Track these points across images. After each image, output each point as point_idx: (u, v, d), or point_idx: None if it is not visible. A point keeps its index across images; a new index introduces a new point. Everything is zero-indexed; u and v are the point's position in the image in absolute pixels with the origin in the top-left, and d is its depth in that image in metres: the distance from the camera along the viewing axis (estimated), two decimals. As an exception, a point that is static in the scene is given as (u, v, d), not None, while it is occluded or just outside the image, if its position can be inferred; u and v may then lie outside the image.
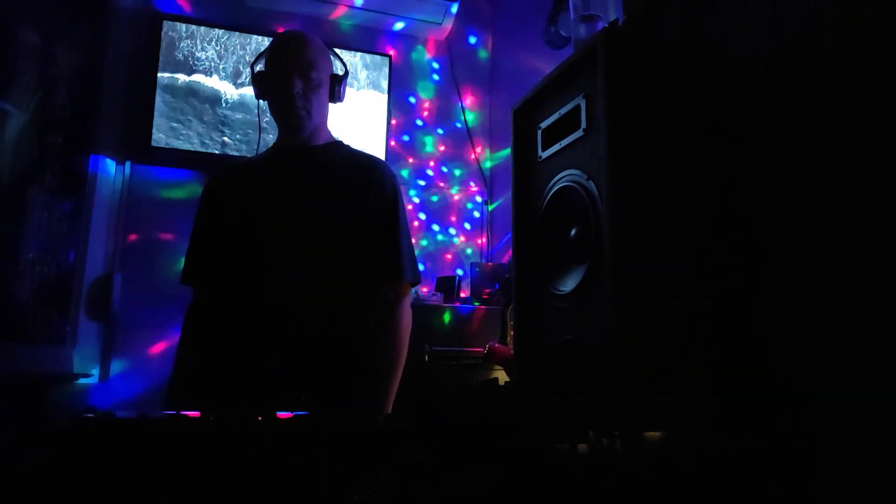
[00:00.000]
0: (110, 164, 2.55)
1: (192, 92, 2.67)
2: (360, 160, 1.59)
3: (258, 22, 2.87)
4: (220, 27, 2.75)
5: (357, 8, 2.93)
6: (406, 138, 3.08)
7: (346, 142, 1.65)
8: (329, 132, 1.63)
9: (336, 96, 1.60)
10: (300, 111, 1.51)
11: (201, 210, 1.57)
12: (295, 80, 1.49)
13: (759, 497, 0.99)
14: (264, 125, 2.72)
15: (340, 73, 1.61)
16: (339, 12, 2.97)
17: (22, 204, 2.19)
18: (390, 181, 1.56)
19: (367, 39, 3.06)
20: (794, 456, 0.99)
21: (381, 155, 2.88)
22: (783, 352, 1.04)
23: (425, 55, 3.18)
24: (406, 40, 3.14)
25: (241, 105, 2.73)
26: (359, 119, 2.89)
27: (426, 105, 3.15)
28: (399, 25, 3.07)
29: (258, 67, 1.59)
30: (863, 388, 0.91)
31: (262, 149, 1.69)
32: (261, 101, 1.61)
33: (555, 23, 2.08)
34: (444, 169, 3.12)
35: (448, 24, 3.05)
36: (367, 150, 1.67)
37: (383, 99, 2.95)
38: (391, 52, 3.03)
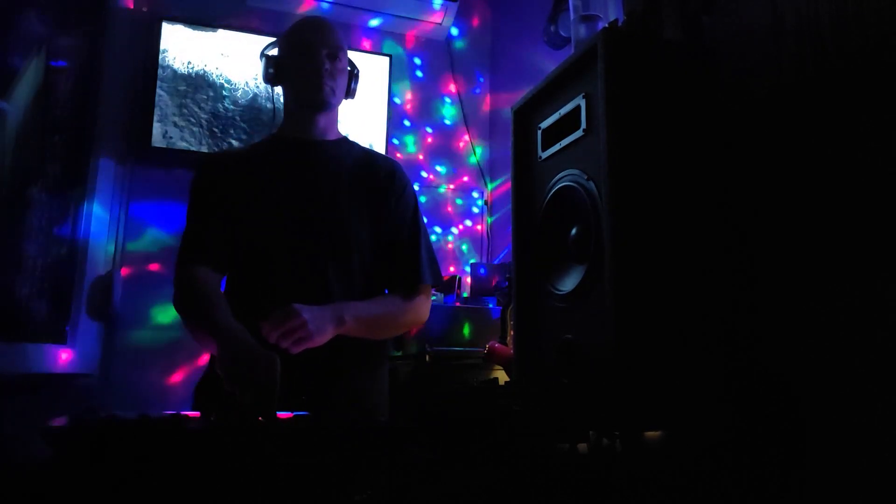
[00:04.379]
0: (110, 164, 2.55)
1: (193, 92, 2.67)
2: (377, 160, 1.57)
3: (258, 22, 2.86)
4: (220, 27, 2.75)
5: (357, 8, 2.93)
6: (406, 138, 3.08)
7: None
8: (338, 128, 1.60)
9: (350, 91, 1.58)
10: (327, 88, 1.46)
11: (202, 190, 1.45)
12: (324, 58, 1.46)
13: (759, 496, 0.99)
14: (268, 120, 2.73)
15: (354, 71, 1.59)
16: (340, 12, 2.97)
17: (22, 204, 2.19)
18: (410, 185, 1.55)
19: (367, 39, 3.06)
20: (793, 455, 0.99)
21: (381, 155, 2.88)
22: (782, 352, 1.04)
23: (425, 55, 3.18)
24: (406, 40, 3.14)
25: (243, 105, 2.73)
26: (359, 119, 2.89)
27: (426, 105, 3.15)
28: (399, 26, 3.07)
29: (272, 52, 1.55)
30: (857, 388, 0.91)
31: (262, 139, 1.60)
32: (274, 88, 1.55)
33: (555, 23, 2.08)
34: (444, 169, 3.12)
35: (448, 25, 3.05)
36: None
37: (384, 99, 2.95)
38: (391, 52, 3.03)
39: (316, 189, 1.44)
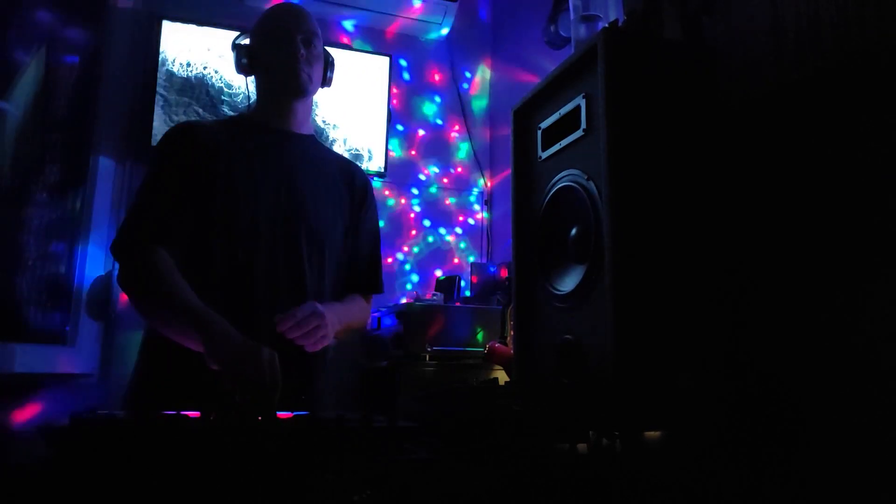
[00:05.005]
0: (110, 164, 2.55)
1: (193, 91, 2.67)
2: (356, 171, 1.60)
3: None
4: (219, 27, 2.75)
5: (357, 8, 2.94)
6: (406, 138, 3.08)
7: (344, 141, 1.64)
8: (310, 123, 1.58)
9: (326, 80, 1.56)
10: (304, 74, 1.43)
11: (170, 162, 1.35)
12: (299, 44, 1.43)
13: (759, 496, 0.99)
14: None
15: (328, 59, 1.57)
16: (340, 12, 2.97)
17: (22, 204, 2.19)
18: (374, 195, 1.62)
19: (367, 39, 3.06)
20: (793, 455, 0.99)
21: (381, 155, 2.88)
22: (781, 352, 1.04)
23: (425, 55, 3.18)
24: (406, 40, 3.14)
25: (242, 105, 2.73)
26: (359, 119, 2.88)
27: (426, 105, 3.15)
28: (399, 25, 3.07)
29: (244, 42, 1.52)
30: (856, 388, 0.91)
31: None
32: (247, 78, 1.53)
33: (555, 23, 2.08)
34: (445, 168, 3.12)
35: (448, 24, 3.05)
36: (360, 150, 1.65)
37: (383, 99, 2.94)
38: (391, 52, 3.03)
39: (295, 181, 1.43)
